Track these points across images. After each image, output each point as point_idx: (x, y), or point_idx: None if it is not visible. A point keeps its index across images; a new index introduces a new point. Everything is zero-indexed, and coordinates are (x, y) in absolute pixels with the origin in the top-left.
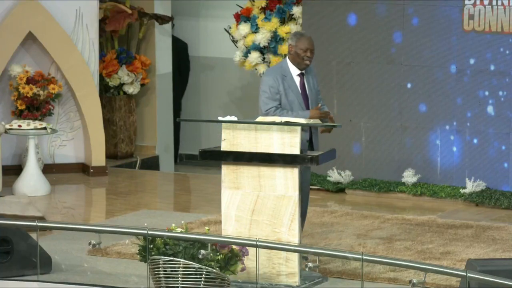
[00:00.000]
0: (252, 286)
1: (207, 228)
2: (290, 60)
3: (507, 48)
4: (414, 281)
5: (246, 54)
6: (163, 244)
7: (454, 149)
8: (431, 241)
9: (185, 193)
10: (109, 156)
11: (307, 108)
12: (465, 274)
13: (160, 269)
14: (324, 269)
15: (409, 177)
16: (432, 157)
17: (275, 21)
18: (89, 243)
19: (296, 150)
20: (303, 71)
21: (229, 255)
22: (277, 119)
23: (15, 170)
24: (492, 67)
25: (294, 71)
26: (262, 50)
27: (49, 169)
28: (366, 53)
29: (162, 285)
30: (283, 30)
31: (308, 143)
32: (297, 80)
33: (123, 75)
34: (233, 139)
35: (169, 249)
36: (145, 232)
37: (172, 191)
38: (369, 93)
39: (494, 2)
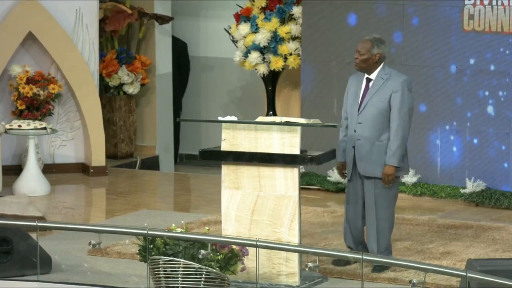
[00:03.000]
0: (252, 286)
1: (207, 228)
2: None
3: (507, 48)
4: (414, 281)
5: (246, 54)
6: (163, 244)
7: (454, 149)
8: (431, 241)
9: (185, 193)
10: (109, 156)
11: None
12: (465, 274)
13: (160, 269)
14: (324, 269)
15: (409, 177)
16: (432, 157)
17: (275, 21)
18: (89, 243)
19: (296, 150)
20: (370, 76)
21: (229, 255)
22: (277, 119)
23: (15, 170)
24: (492, 67)
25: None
26: (262, 50)
27: (49, 169)
28: None
29: (162, 285)
30: (283, 30)
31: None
32: (364, 84)
33: (123, 75)
34: (233, 139)
35: (169, 249)
36: (145, 232)
37: (172, 191)
38: None
39: (494, 2)
